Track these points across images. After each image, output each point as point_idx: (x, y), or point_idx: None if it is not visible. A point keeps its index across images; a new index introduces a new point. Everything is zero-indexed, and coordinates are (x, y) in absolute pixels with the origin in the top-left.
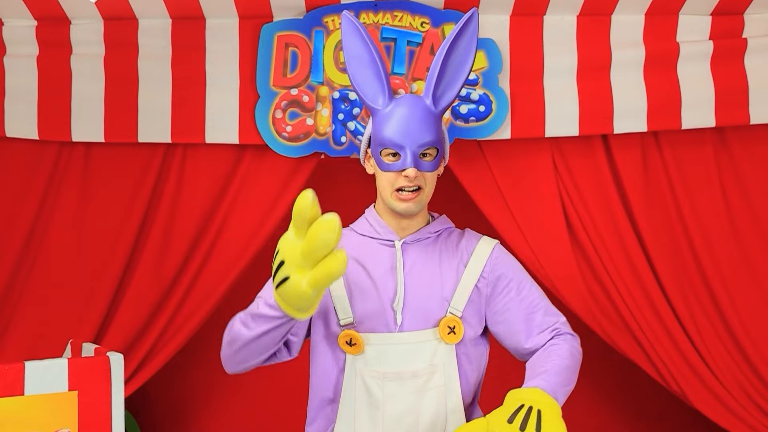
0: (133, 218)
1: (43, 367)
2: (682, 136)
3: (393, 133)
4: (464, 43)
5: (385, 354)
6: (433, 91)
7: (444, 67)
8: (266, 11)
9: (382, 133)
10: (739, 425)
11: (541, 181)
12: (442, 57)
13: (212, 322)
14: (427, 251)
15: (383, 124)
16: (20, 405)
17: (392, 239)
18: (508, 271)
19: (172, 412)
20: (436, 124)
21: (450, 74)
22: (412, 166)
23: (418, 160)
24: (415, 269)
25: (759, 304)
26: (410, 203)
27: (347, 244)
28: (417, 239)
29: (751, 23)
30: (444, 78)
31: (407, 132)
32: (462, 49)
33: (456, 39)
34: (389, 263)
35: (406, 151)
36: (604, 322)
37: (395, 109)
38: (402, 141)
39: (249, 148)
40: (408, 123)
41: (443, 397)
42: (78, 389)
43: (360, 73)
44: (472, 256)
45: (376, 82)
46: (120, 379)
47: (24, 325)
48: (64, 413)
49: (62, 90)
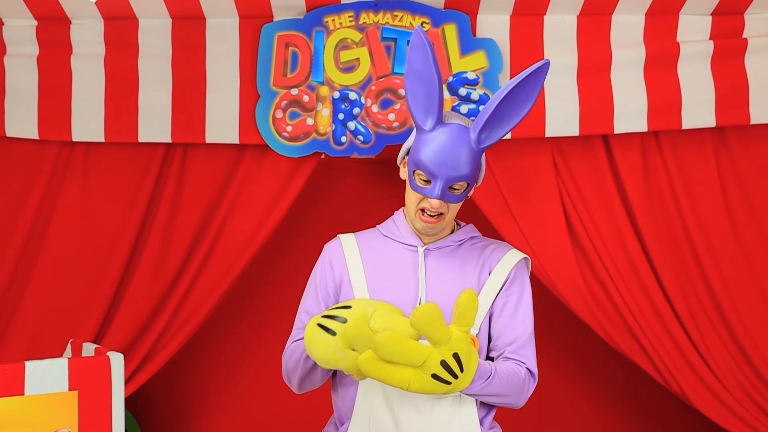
0: (133, 218)
1: (43, 367)
2: (682, 136)
3: (430, 160)
4: (526, 90)
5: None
6: (481, 129)
7: (499, 109)
8: (266, 11)
9: (420, 155)
10: (739, 425)
11: (541, 181)
12: (500, 99)
13: (212, 322)
14: (449, 259)
15: (424, 146)
16: (20, 405)
17: (415, 244)
18: (519, 288)
19: (172, 412)
20: (474, 160)
21: (502, 116)
22: (438, 197)
23: (446, 192)
24: (435, 275)
25: (759, 304)
26: (430, 225)
27: (371, 243)
28: (439, 246)
29: (751, 23)
30: (495, 119)
31: (444, 164)
32: (522, 96)
33: (521, 84)
34: (411, 267)
35: (437, 181)
36: (604, 322)
37: (439, 137)
38: (436, 171)
39: (249, 148)
40: (447, 155)
41: (457, 406)
42: (78, 389)
43: (416, 88)
44: (497, 265)
45: (429, 102)
46: (120, 379)
47: (24, 325)
48: (64, 413)
49: (62, 90)
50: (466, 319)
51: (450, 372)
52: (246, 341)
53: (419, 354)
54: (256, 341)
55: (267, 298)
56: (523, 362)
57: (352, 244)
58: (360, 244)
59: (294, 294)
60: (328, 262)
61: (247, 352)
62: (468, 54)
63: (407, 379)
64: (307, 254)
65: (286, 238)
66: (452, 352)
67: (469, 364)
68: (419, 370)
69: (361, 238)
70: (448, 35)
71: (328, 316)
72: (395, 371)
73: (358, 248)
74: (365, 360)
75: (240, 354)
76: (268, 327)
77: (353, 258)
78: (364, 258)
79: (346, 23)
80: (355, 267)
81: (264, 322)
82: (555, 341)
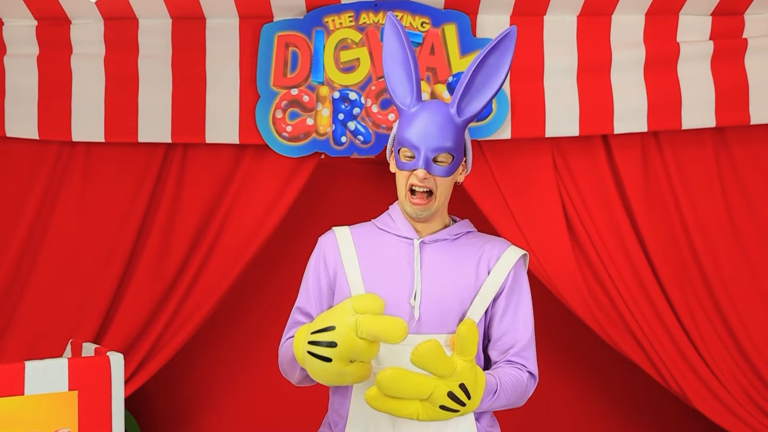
0: (133, 218)
1: (43, 367)
2: (682, 136)
3: (412, 134)
4: (496, 59)
5: (398, 354)
6: (459, 100)
7: (473, 79)
8: (266, 11)
9: (403, 132)
10: (739, 425)
11: (541, 181)
12: (473, 68)
13: (212, 322)
14: (445, 252)
15: (406, 124)
16: (20, 405)
17: (411, 237)
18: (519, 289)
19: (172, 412)
20: (456, 132)
21: (477, 87)
22: (422, 167)
23: (430, 163)
24: (431, 268)
25: (759, 304)
26: (420, 207)
27: (367, 236)
28: (435, 239)
29: (751, 23)
30: (471, 89)
31: (425, 135)
32: (493, 64)
33: (489, 53)
34: (406, 259)
35: (420, 153)
36: (604, 322)
37: (419, 112)
38: (418, 143)
39: (249, 148)
40: (427, 127)
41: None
42: (78, 389)
43: (394, 71)
44: (498, 263)
45: (407, 82)
46: (120, 379)
47: (24, 325)
48: (64, 413)
49: (62, 90)
50: (468, 350)
51: (458, 401)
52: (246, 341)
53: (424, 388)
54: (256, 341)
55: (267, 298)
56: (525, 365)
57: (346, 236)
58: (355, 237)
59: (293, 294)
60: (322, 257)
61: (246, 352)
62: (468, 54)
63: (416, 411)
64: (307, 254)
65: (286, 238)
66: (458, 383)
67: (476, 389)
68: (427, 402)
69: (356, 231)
70: (448, 35)
71: (314, 342)
72: (403, 405)
73: (353, 241)
74: (371, 396)
75: (240, 354)
76: (267, 327)
77: (348, 251)
78: (359, 250)
79: (346, 23)
80: (350, 259)
81: (264, 322)
82: (554, 341)
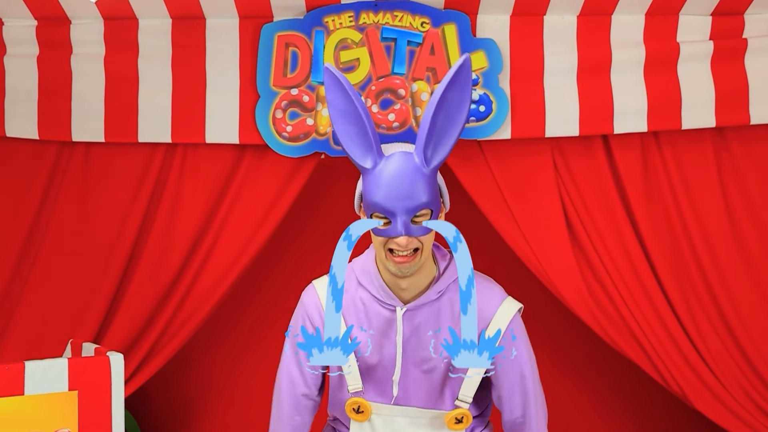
0: (133, 218)
1: (43, 367)
2: (682, 136)
3: (381, 197)
4: (456, 94)
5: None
6: (423, 148)
7: (434, 122)
8: (266, 11)
9: (372, 196)
10: (739, 425)
11: (541, 181)
12: (432, 111)
13: (212, 322)
14: (431, 316)
15: (373, 186)
16: (20, 405)
17: (393, 305)
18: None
19: (172, 412)
20: (428, 184)
21: (441, 129)
22: (402, 234)
23: (409, 226)
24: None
25: (759, 304)
26: (406, 265)
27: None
28: (419, 305)
29: (751, 23)
30: (434, 133)
31: (397, 198)
32: (454, 101)
33: (447, 89)
34: (390, 327)
35: (397, 218)
36: (604, 322)
37: (384, 171)
38: (392, 207)
39: (249, 148)
40: (398, 188)
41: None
42: (78, 389)
43: (345, 129)
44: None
45: (363, 139)
46: (120, 379)
47: (24, 325)
48: (64, 413)
49: (62, 90)
50: None
51: None
52: (246, 341)
53: None
54: (256, 341)
55: (267, 298)
56: None
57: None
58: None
59: (293, 294)
60: (308, 319)
61: (247, 352)
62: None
63: None
64: (307, 254)
65: (286, 238)
66: None
67: None
68: None
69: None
70: (448, 35)
71: None
72: None
73: None
74: None
75: (240, 354)
76: (267, 327)
77: None
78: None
79: (346, 23)
80: None
81: (264, 322)
82: (554, 341)
